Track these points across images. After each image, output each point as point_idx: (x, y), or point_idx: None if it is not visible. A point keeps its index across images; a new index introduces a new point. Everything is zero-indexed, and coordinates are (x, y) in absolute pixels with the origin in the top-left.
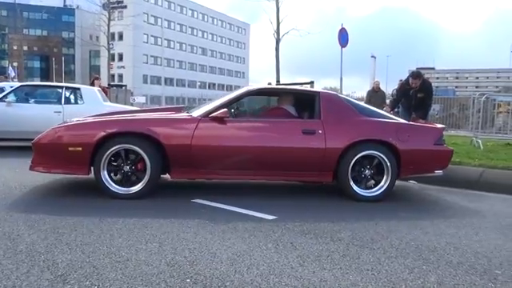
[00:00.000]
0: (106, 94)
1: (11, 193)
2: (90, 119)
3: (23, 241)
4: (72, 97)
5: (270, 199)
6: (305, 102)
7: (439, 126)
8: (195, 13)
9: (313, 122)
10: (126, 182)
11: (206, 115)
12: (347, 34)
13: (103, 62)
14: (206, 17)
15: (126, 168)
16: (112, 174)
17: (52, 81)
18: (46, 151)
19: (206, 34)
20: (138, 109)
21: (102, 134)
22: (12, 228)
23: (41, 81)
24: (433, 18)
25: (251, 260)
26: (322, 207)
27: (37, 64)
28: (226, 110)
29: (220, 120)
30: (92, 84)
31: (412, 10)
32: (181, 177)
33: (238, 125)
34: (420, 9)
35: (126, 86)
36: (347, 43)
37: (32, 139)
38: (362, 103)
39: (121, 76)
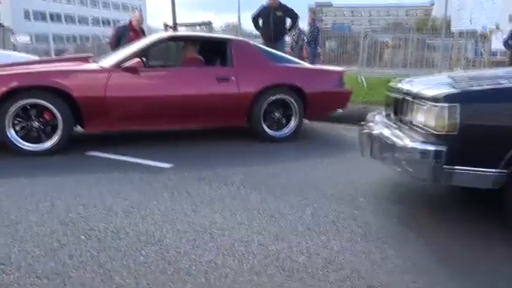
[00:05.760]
0: None
1: None
2: None
3: None
4: None
5: (167, 148)
6: (216, 50)
7: (340, 69)
8: None
9: (226, 69)
10: (37, 138)
11: (118, 65)
12: None
13: None
14: None
15: (36, 124)
16: (20, 131)
17: None
18: None
19: None
20: (39, 59)
21: (4, 89)
22: None
23: None
24: None
25: (146, 210)
26: (217, 153)
27: None
28: (139, 59)
29: (133, 70)
30: None
31: None
32: (95, 129)
33: (152, 74)
34: None
35: (2, 24)
36: None
37: None
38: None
39: None
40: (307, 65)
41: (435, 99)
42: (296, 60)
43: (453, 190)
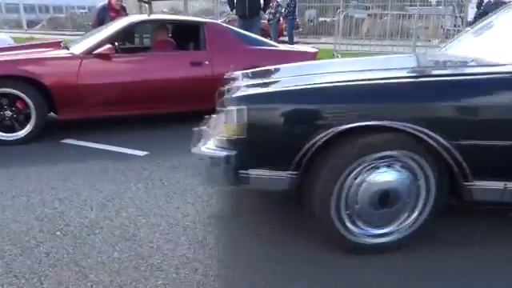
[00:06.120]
0: None
1: None
2: None
3: None
4: None
5: (142, 134)
6: (189, 33)
7: (314, 50)
8: None
9: (199, 53)
10: (10, 127)
11: (89, 52)
12: None
13: None
14: None
15: (8, 113)
16: None
17: None
18: None
19: None
20: (10, 45)
21: None
22: None
23: None
24: None
25: (121, 203)
26: (192, 138)
27: None
28: (110, 46)
29: (105, 56)
30: None
31: None
32: (69, 116)
33: (124, 59)
34: None
35: None
36: None
37: None
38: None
39: None
40: (281, 46)
41: (228, 102)
42: (270, 42)
43: None
